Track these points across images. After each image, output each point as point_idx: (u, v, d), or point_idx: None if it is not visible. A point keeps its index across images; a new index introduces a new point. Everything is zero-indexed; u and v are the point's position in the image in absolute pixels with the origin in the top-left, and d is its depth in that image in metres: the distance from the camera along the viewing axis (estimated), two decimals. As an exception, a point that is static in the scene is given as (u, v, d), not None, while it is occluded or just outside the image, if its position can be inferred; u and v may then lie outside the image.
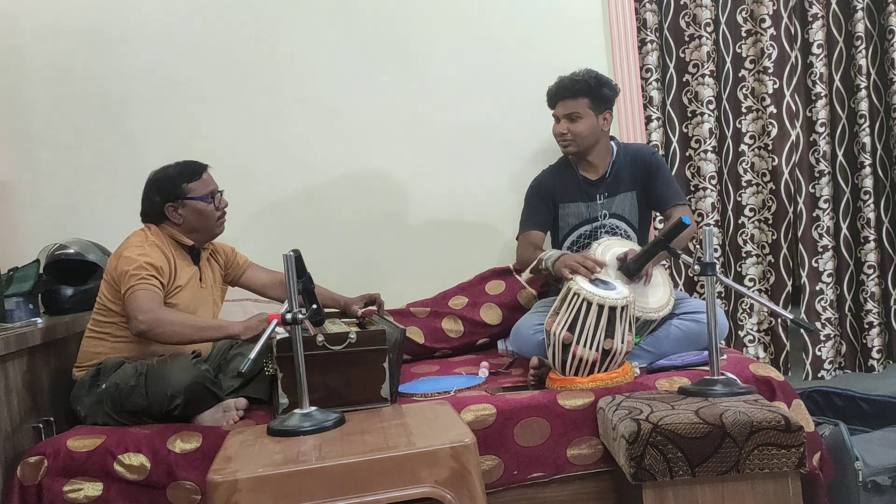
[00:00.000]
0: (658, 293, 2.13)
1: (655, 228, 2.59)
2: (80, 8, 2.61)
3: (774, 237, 2.70)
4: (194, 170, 2.08)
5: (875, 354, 2.71)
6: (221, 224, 2.12)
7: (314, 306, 1.93)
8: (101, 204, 2.59)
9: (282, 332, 1.80)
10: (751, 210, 2.72)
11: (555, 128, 2.34)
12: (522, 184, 2.47)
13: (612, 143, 2.41)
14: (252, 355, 1.58)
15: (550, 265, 2.13)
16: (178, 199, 2.05)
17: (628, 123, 2.67)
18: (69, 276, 2.34)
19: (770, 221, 2.71)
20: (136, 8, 2.63)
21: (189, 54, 2.64)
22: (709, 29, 2.67)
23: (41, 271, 2.25)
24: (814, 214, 2.72)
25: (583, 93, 2.29)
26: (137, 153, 2.54)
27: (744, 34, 2.70)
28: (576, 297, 1.95)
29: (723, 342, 2.46)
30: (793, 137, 2.68)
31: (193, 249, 2.10)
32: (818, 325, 2.69)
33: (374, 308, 2.26)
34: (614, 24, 2.67)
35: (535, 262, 2.19)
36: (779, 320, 2.69)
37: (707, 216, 2.70)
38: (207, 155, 2.21)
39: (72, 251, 2.35)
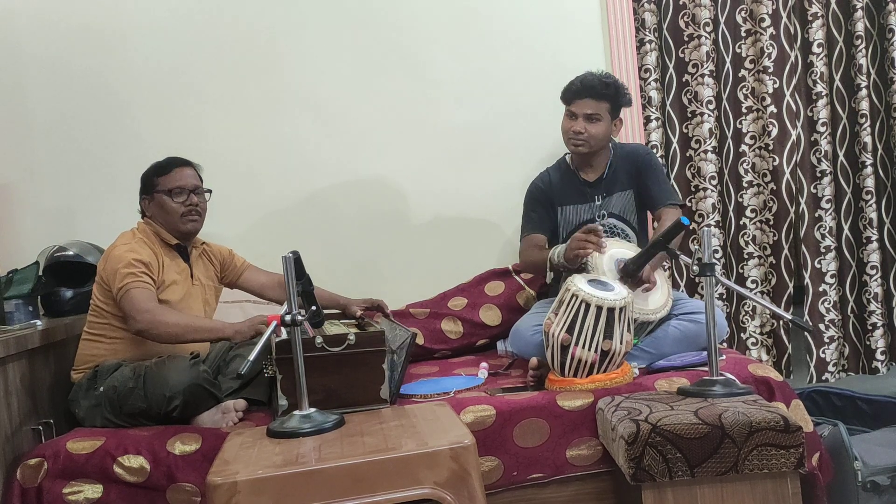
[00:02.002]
0: (656, 294, 2.12)
1: (654, 229, 2.59)
2: (80, 9, 2.61)
3: (776, 238, 2.70)
4: (166, 164, 2.12)
5: (879, 356, 2.70)
6: (188, 221, 2.10)
7: (313, 308, 1.93)
8: (101, 206, 2.59)
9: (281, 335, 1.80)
10: (752, 211, 2.72)
11: (570, 124, 2.29)
12: (521, 184, 2.47)
13: (609, 143, 2.41)
14: (251, 357, 1.58)
15: (562, 259, 2.13)
16: (149, 192, 2.10)
17: (627, 124, 2.67)
18: (68, 278, 2.34)
19: (771, 222, 2.70)
20: (137, 9, 2.63)
21: (190, 55, 2.65)
22: (708, 29, 2.66)
23: (40, 273, 2.25)
24: (816, 215, 2.71)
25: (608, 97, 2.28)
26: (137, 155, 2.53)
27: (743, 34, 2.69)
28: (574, 298, 1.95)
29: (724, 343, 2.46)
30: (793, 137, 2.67)
31: (180, 247, 2.12)
32: (821, 326, 2.68)
33: (376, 313, 2.26)
34: (612, 25, 2.67)
35: (547, 264, 2.18)
36: (781, 323, 2.68)
37: (707, 217, 2.69)
38: (208, 156, 2.21)
39: (71, 253, 2.35)
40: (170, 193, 2.07)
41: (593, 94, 2.26)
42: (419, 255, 2.72)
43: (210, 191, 2.17)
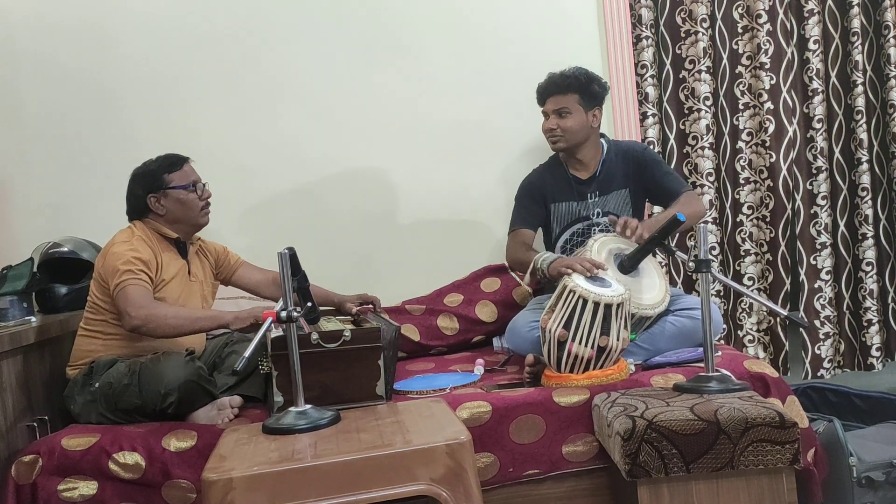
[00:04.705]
0: (653, 290, 2.13)
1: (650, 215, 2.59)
2: (74, 6, 2.60)
3: (773, 235, 2.70)
4: (174, 161, 2.10)
5: (874, 352, 2.70)
6: (205, 214, 2.12)
7: (309, 304, 1.92)
8: (95, 202, 2.58)
9: (276, 331, 1.79)
10: (749, 208, 2.72)
11: (544, 124, 2.35)
12: (517, 181, 2.47)
13: (603, 140, 2.41)
14: (247, 353, 1.58)
15: (545, 267, 2.13)
16: (159, 189, 2.07)
17: (623, 120, 2.67)
18: (63, 275, 2.33)
19: (768, 219, 2.71)
20: (129, 5, 2.62)
21: (183, 51, 2.64)
22: (705, 25, 2.66)
23: (35, 270, 2.25)
24: (812, 211, 2.71)
25: (572, 88, 2.29)
26: (131, 151, 2.52)
27: (740, 30, 2.69)
28: (571, 294, 1.95)
29: (722, 340, 2.47)
30: (790, 134, 2.67)
31: (179, 242, 2.11)
32: (817, 323, 2.68)
33: (369, 307, 2.26)
34: (609, 21, 2.66)
35: (530, 265, 2.19)
36: (778, 320, 2.68)
37: (705, 214, 2.69)
38: (202, 152, 2.21)
39: (65, 249, 2.34)
40: (185, 188, 2.07)
41: (556, 89, 2.31)
42: (415, 252, 2.72)
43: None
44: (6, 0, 2.57)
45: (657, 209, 2.58)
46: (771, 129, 2.67)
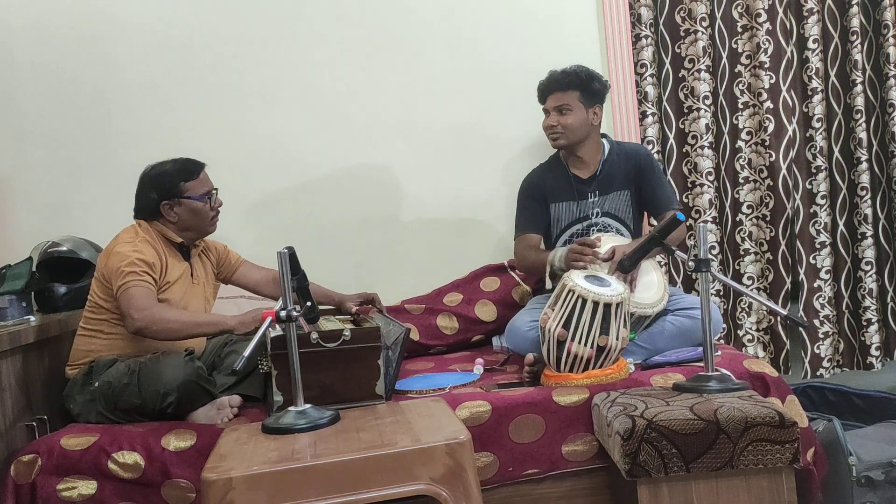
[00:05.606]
0: (652, 289, 2.13)
1: (650, 225, 2.59)
2: (73, 6, 2.60)
3: (772, 234, 2.70)
4: (192, 169, 2.09)
5: (874, 352, 2.70)
6: (214, 223, 2.13)
7: (308, 304, 1.92)
8: (94, 201, 2.58)
9: (276, 330, 1.79)
10: (748, 207, 2.72)
11: (545, 121, 2.36)
12: (516, 180, 2.47)
13: (605, 140, 2.41)
14: (246, 353, 1.58)
15: (563, 265, 2.15)
16: (174, 197, 2.06)
17: (623, 119, 2.66)
18: (62, 274, 2.33)
19: (768, 218, 2.71)
20: (129, 4, 2.62)
21: (182, 50, 2.64)
22: (704, 24, 2.66)
23: (34, 269, 2.24)
24: (811, 211, 2.72)
25: (573, 86, 2.30)
26: (130, 150, 2.54)
27: (739, 29, 2.69)
28: (571, 293, 1.95)
29: (722, 340, 2.47)
30: (789, 133, 2.67)
31: (183, 246, 2.11)
32: (816, 322, 2.68)
33: (370, 306, 2.26)
34: (608, 20, 2.66)
35: (547, 267, 2.20)
36: (777, 319, 2.68)
37: (704, 213, 2.69)
38: (201, 151, 2.20)
39: (64, 249, 2.34)
40: (201, 199, 2.06)
41: (557, 86, 2.32)
42: (414, 251, 2.71)
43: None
44: (5, 2, 2.57)
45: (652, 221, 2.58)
46: (770, 128, 2.66)
